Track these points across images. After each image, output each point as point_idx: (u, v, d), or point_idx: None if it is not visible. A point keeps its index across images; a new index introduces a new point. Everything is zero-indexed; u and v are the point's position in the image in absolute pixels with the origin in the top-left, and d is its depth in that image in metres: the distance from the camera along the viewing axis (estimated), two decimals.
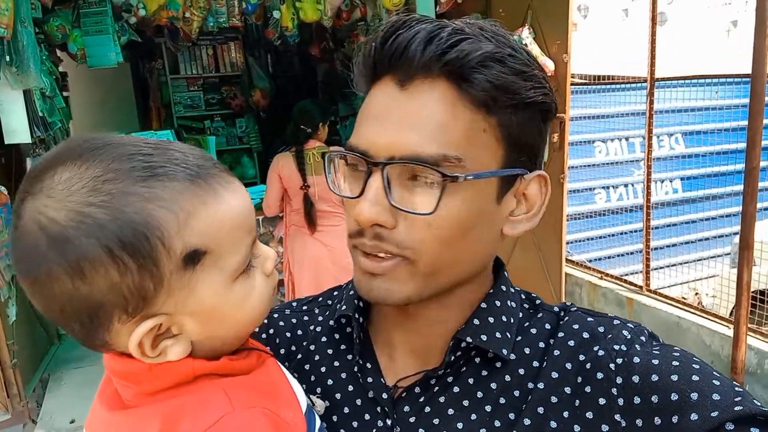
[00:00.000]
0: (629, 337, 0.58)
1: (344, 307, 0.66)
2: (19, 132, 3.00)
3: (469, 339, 0.59)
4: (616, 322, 0.60)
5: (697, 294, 4.54)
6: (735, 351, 2.48)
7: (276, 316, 0.73)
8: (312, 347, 0.69)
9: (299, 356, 0.68)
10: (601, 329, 0.60)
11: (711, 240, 4.72)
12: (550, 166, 3.34)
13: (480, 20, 0.58)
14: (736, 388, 0.51)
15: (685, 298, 4.08)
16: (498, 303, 0.63)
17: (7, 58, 2.69)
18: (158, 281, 0.48)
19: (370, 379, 0.63)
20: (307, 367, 0.67)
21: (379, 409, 0.61)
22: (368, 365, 0.64)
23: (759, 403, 0.50)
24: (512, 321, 0.62)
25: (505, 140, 0.56)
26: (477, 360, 0.60)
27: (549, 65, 3.19)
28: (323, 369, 0.66)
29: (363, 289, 0.58)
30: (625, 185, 4.89)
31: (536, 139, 0.59)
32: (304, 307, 0.74)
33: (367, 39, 0.58)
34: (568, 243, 4.17)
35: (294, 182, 3.08)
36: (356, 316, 0.64)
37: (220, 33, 5.42)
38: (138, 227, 0.46)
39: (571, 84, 3.40)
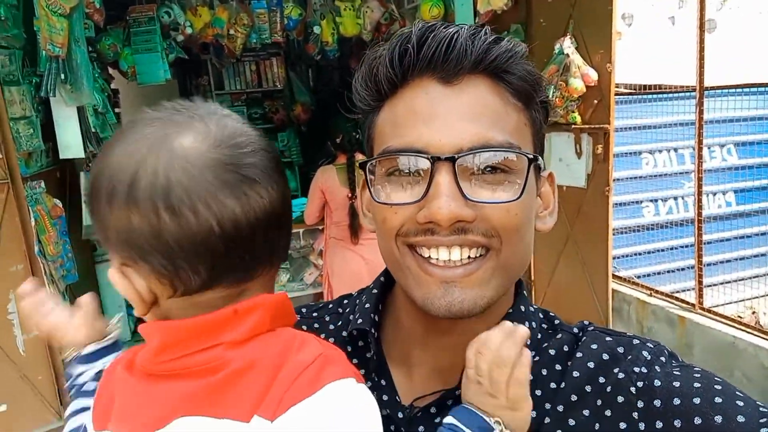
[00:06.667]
0: (649, 358, 0.57)
1: (360, 321, 0.64)
2: (73, 147, 3.13)
3: None
4: (635, 342, 0.59)
5: (754, 313, 4.31)
6: None
7: None
8: None
9: None
10: (620, 350, 0.58)
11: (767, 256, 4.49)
12: (595, 179, 3.24)
13: None
14: (761, 409, 0.50)
15: (741, 317, 3.88)
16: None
17: (62, 75, 2.81)
18: None
19: (385, 397, 0.62)
20: None
21: (393, 427, 0.60)
22: (383, 382, 0.63)
23: None
24: (528, 343, 0.60)
25: (533, 136, 0.59)
26: None
27: (592, 75, 3.11)
28: None
29: (438, 305, 0.55)
30: (675, 198, 4.71)
31: (543, 138, 0.62)
32: (314, 314, 0.74)
33: (383, 49, 0.57)
34: (614, 258, 4.04)
35: (337, 195, 3.10)
36: (372, 331, 0.63)
37: (262, 49, 5.54)
38: None
39: (616, 94, 3.30)
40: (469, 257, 0.55)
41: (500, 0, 3.17)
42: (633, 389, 0.54)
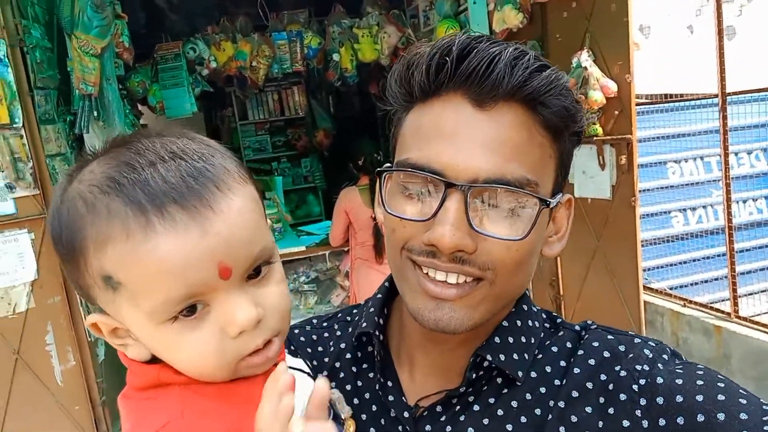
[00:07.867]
0: (651, 356, 0.57)
1: (364, 324, 0.66)
2: None
3: (489, 357, 0.59)
4: (636, 340, 0.60)
5: None
6: None
7: (296, 332, 0.74)
8: (337, 364, 0.69)
9: (324, 373, 0.68)
10: (621, 348, 0.59)
11: None
12: (620, 190, 3.21)
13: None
14: (764, 407, 0.50)
15: None
16: (519, 323, 0.63)
17: (95, 113, 2.93)
18: (85, 285, 0.51)
19: (391, 398, 0.63)
20: (333, 385, 0.66)
21: (400, 428, 0.62)
22: (389, 383, 0.64)
23: None
24: (532, 341, 0.62)
25: (558, 167, 0.59)
26: (498, 380, 0.60)
27: (611, 86, 3.11)
28: (348, 387, 0.67)
29: (427, 317, 0.56)
30: (704, 207, 4.63)
31: (570, 165, 0.61)
32: (324, 324, 0.75)
33: (427, 53, 0.56)
34: (646, 270, 3.97)
35: (361, 215, 3.13)
36: (377, 333, 0.64)
37: (284, 78, 5.68)
38: (72, 232, 0.49)
39: (638, 104, 3.29)
40: (465, 281, 0.56)
41: (515, 18, 3.21)
42: (635, 387, 0.55)
